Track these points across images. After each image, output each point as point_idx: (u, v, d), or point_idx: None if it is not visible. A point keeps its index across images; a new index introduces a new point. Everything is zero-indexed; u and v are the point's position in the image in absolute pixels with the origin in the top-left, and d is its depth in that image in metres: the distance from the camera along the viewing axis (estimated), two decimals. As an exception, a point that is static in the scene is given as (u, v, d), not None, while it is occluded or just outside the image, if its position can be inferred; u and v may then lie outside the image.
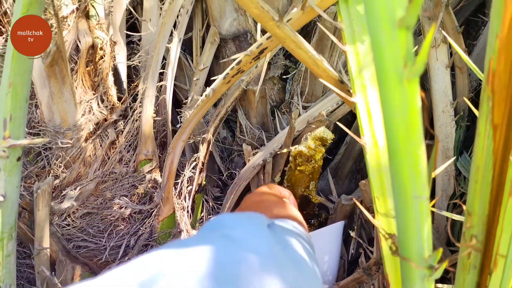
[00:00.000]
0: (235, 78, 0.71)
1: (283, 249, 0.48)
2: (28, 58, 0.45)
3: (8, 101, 0.47)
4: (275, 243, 0.46)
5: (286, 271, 0.43)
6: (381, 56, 0.28)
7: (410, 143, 0.31)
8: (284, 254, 0.46)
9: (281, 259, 0.44)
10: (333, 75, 0.62)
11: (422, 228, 0.35)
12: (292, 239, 0.53)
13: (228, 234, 0.44)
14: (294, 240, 0.54)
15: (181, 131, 0.79)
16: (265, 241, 0.45)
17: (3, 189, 0.52)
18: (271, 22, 0.52)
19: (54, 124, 0.72)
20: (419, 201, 0.33)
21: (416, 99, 0.29)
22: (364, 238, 0.92)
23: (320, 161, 0.88)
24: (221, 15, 0.94)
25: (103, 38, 0.79)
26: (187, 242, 0.41)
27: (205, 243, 0.41)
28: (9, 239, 0.57)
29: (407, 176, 0.32)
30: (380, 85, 0.30)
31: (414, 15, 0.25)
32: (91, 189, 0.79)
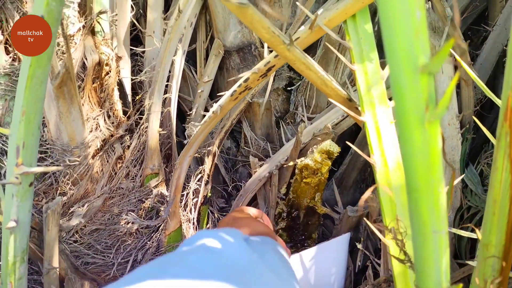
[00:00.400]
0: (242, 95, 0.71)
1: (261, 257, 0.49)
2: (41, 86, 0.45)
3: (21, 129, 0.47)
4: (252, 252, 0.47)
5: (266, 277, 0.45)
6: (402, 98, 0.29)
7: (430, 182, 0.31)
8: (262, 262, 0.48)
9: (260, 266, 0.45)
10: (342, 93, 0.62)
11: (440, 261, 0.35)
12: (268, 249, 0.55)
13: (206, 247, 0.45)
14: (270, 250, 0.55)
15: (188, 146, 0.79)
16: (243, 251, 0.46)
17: (15, 214, 0.53)
18: (282, 46, 0.52)
19: (61, 143, 0.72)
20: (438, 236, 0.33)
21: (437, 140, 0.29)
22: (370, 250, 0.92)
23: (326, 173, 0.89)
24: (225, 27, 0.94)
25: (108, 53, 0.79)
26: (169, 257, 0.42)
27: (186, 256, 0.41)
28: (21, 263, 0.58)
29: (426, 212, 0.33)
30: (400, 125, 0.30)
31: (439, 63, 0.25)
32: (98, 205, 0.79)
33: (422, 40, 0.26)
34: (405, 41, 0.26)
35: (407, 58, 0.27)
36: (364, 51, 0.61)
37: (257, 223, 0.66)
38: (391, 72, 0.29)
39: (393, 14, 0.26)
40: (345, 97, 0.63)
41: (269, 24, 0.49)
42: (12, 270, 0.57)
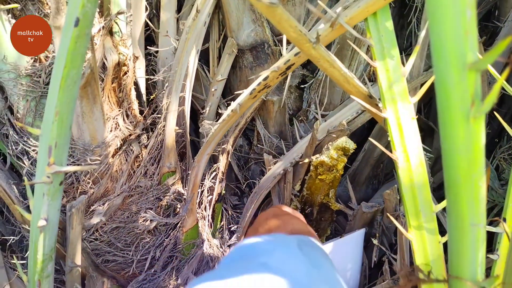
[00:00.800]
0: (261, 93, 0.72)
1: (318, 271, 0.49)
2: (75, 86, 0.46)
3: (54, 129, 0.48)
4: (310, 266, 0.47)
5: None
6: (448, 94, 0.29)
7: (471, 176, 0.32)
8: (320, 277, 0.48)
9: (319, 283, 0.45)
10: (363, 90, 0.63)
11: (477, 253, 0.36)
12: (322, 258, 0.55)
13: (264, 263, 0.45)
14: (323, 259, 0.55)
15: (206, 145, 0.80)
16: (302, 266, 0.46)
17: (45, 213, 0.53)
18: (308, 44, 0.53)
19: (83, 142, 0.73)
20: (477, 229, 0.34)
21: (481, 135, 0.30)
22: (385, 245, 0.93)
23: (341, 170, 0.89)
24: (238, 26, 0.95)
25: (126, 54, 0.80)
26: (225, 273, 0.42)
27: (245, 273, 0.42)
28: (49, 261, 0.58)
29: (465, 206, 0.33)
30: (444, 121, 0.31)
31: (490, 61, 0.26)
32: (118, 204, 0.80)
33: (471, 38, 0.27)
34: (454, 39, 0.27)
35: (456, 56, 0.27)
36: (386, 48, 0.62)
37: (296, 220, 0.67)
38: (436, 69, 0.29)
39: (444, 13, 0.27)
40: (366, 93, 0.63)
41: (296, 23, 0.49)
42: (40, 268, 0.57)
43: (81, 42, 0.44)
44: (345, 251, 0.85)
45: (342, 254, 0.85)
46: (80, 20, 0.42)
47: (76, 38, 0.43)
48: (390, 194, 0.82)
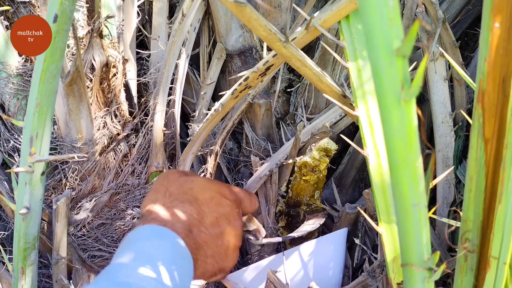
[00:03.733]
0: (242, 93, 0.75)
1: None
2: (54, 80, 0.49)
3: (35, 120, 0.51)
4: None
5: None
6: (380, 80, 0.32)
7: (408, 157, 0.34)
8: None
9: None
10: (336, 89, 0.66)
11: (421, 233, 0.38)
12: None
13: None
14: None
15: (191, 144, 0.83)
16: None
17: (27, 201, 0.56)
18: (278, 43, 0.55)
19: (71, 139, 0.75)
20: (418, 209, 0.36)
21: (413, 118, 0.32)
22: (368, 245, 0.95)
23: (324, 171, 0.92)
24: (227, 31, 0.98)
25: (115, 56, 0.83)
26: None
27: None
28: (32, 249, 0.61)
29: (406, 187, 0.36)
30: (380, 106, 0.33)
31: (409, 46, 0.28)
32: (105, 201, 0.82)
33: (395, 26, 0.29)
34: (380, 27, 0.30)
35: (383, 43, 0.30)
36: (357, 49, 0.65)
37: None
38: (370, 57, 0.32)
39: (370, 4, 0.30)
40: (340, 93, 0.66)
41: (266, 22, 0.52)
42: (23, 256, 0.60)
43: (60, 37, 0.47)
44: (327, 249, 0.87)
45: (324, 253, 0.87)
46: (58, 17, 0.45)
47: (55, 33, 0.46)
48: (370, 194, 0.84)
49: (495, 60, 0.34)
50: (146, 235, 0.55)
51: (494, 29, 0.34)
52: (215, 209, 0.63)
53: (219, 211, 0.64)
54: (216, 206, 0.64)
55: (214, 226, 0.62)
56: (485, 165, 0.37)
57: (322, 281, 0.84)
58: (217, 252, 0.62)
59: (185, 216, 0.59)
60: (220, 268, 0.63)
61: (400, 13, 0.94)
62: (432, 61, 0.83)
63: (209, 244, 0.60)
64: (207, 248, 0.60)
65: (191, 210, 0.60)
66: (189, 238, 0.57)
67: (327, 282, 0.87)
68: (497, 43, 0.34)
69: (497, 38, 0.34)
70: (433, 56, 0.84)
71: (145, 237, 0.54)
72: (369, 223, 0.99)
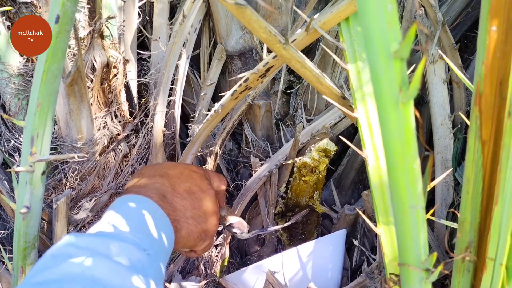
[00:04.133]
0: (242, 94, 0.75)
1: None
2: (55, 80, 0.49)
3: (36, 120, 0.51)
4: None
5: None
6: (379, 82, 0.32)
7: (406, 159, 0.34)
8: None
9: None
10: (336, 91, 0.66)
11: (418, 234, 0.38)
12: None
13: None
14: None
15: (190, 144, 0.83)
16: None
17: (28, 201, 0.56)
18: (278, 45, 0.56)
19: (71, 139, 0.76)
20: (415, 210, 0.37)
21: (411, 119, 0.33)
22: (367, 247, 0.95)
23: (323, 171, 0.92)
24: (227, 33, 0.99)
25: (116, 57, 0.83)
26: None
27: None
28: (32, 248, 0.61)
29: (404, 188, 0.36)
30: (378, 107, 0.34)
31: (407, 48, 0.29)
32: (105, 201, 0.83)
33: (393, 29, 0.30)
34: (379, 30, 0.30)
35: (382, 45, 0.30)
36: (357, 51, 0.65)
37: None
38: (369, 59, 0.32)
39: (369, 7, 0.30)
40: (339, 95, 0.66)
41: (266, 24, 0.53)
42: (23, 255, 0.60)
43: (61, 38, 0.47)
44: (326, 250, 0.87)
45: (323, 254, 0.87)
46: (60, 17, 0.46)
47: (56, 34, 0.47)
48: (368, 195, 0.84)
49: (492, 63, 0.34)
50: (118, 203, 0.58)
51: (491, 32, 0.34)
52: (186, 179, 0.67)
53: (190, 181, 0.67)
54: (187, 177, 0.67)
55: (187, 192, 0.65)
56: (482, 167, 0.37)
57: (321, 282, 0.85)
58: (197, 215, 0.64)
59: (157, 185, 0.63)
60: (204, 229, 0.65)
61: (400, 15, 0.94)
62: (431, 63, 0.84)
63: (186, 207, 0.63)
64: (185, 211, 0.63)
65: (162, 181, 0.64)
66: (163, 202, 0.60)
67: (326, 283, 0.87)
68: (494, 46, 0.34)
69: (494, 41, 0.34)
70: (432, 58, 0.84)
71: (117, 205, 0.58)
72: (368, 225, 0.99)
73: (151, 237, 0.54)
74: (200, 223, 0.65)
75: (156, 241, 0.55)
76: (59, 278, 0.43)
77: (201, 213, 0.66)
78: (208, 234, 0.67)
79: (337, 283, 0.91)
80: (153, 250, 0.52)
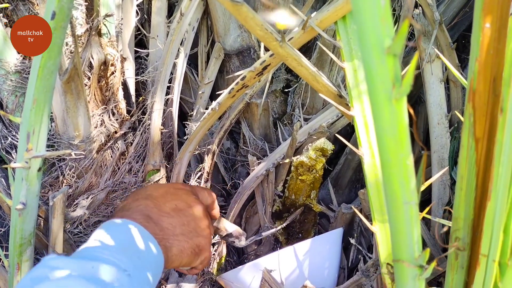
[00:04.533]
0: (239, 92, 0.75)
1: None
2: (52, 76, 0.50)
3: (32, 116, 0.51)
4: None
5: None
6: (372, 78, 0.32)
7: (399, 155, 0.34)
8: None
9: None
10: (332, 89, 0.66)
11: (412, 231, 0.38)
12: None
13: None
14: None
15: (188, 142, 0.83)
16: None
17: (24, 197, 0.56)
18: (274, 42, 0.56)
19: (68, 137, 0.76)
20: (409, 206, 0.37)
21: (404, 116, 0.33)
22: (363, 245, 0.95)
23: (320, 170, 0.92)
24: (225, 31, 0.99)
25: (114, 54, 0.83)
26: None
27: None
28: (28, 245, 0.61)
29: (397, 184, 0.36)
30: (372, 103, 0.34)
31: (400, 44, 0.29)
32: (102, 198, 0.83)
33: (386, 25, 0.30)
34: (372, 26, 0.30)
35: (375, 41, 0.30)
36: (354, 50, 0.65)
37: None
38: (362, 55, 0.32)
39: (362, 3, 0.30)
40: (336, 93, 0.66)
41: (262, 21, 0.53)
42: (19, 252, 0.60)
43: (57, 34, 0.47)
44: (323, 248, 0.88)
45: (320, 252, 0.87)
46: (56, 14, 0.46)
47: (52, 30, 0.47)
48: (365, 194, 0.84)
49: (486, 60, 0.34)
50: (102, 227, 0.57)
51: (484, 29, 0.34)
52: (171, 198, 0.66)
53: (176, 199, 0.66)
54: (172, 196, 0.66)
55: (174, 211, 0.64)
56: (475, 164, 0.37)
57: (317, 280, 0.85)
58: (187, 231, 0.64)
59: (141, 207, 0.62)
60: (196, 244, 0.64)
61: (397, 14, 0.94)
62: (428, 62, 0.84)
63: (175, 224, 0.63)
64: (173, 228, 0.62)
65: (146, 203, 0.63)
66: (148, 223, 0.59)
67: (322, 281, 0.87)
68: (488, 43, 0.34)
69: (488, 38, 0.34)
70: (429, 57, 0.84)
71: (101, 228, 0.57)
72: (364, 224, 0.99)
73: (133, 258, 0.53)
74: (191, 238, 0.64)
75: (139, 262, 0.53)
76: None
77: (191, 228, 0.65)
78: (203, 248, 0.66)
79: (334, 281, 0.91)
80: (134, 271, 0.51)
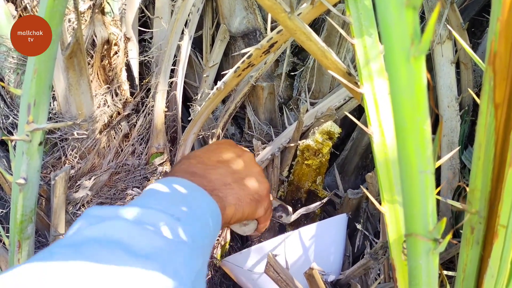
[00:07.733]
0: (245, 71, 0.73)
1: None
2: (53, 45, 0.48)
3: (32, 87, 0.50)
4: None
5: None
6: (389, 35, 0.30)
7: (416, 119, 0.33)
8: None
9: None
10: (342, 67, 0.64)
11: (427, 202, 0.37)
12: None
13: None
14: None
15: (192, 123, 0.82)
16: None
17: (24, 172, 0.55)
18: (283, 14, 0.54)
19: (70, 115, 0.74)
20: (425, 175, 0.35)
21: (422, 76, 0.31)
22: (370, 231, 0.94)
23: (327, 155, 0.90)
24: (231, 13, 0.97)
25: (117, 34, 0.82)
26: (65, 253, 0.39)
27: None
28: (29, 222, 0.60)
29: (413, 151, 0.34)
30: (388, 63, 0.32)
31: (421, -6, 0.27)
32: (104, 180, 0.81)
33: (406, -26, 0.28)
34: (390, -24, 0.28)
35: (393, -7, 0.29)
36: (364, 26, 0.63)
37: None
38: (378, 9, 0.31)
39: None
40: (345, 70, 0.65)
41: (270, -9, 0.51)
42: (20, 229, 0.59)
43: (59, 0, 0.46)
44: (328, 233, 0.86)
45: (325, 237, 0.86)
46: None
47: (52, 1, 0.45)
48: (372, 177, 0.83)
49: (508, 19, 0.32)
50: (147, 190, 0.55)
51: (508, -14, 0.32)
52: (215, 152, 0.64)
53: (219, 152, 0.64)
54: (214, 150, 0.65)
55: (220, 162, 0.62)
56: (494, 132, 0.36)
57: (323, 265, 0.83)
58: (239, 178, 0.61)
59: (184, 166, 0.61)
60: (255, 190, 0.61)
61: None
62: (438, 44, 0.82)
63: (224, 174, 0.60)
64: (223, 178, 0.59)
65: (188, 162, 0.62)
66: (194, 177, 0.56)
67: (328, 266, 0.86)
68: (510, 2, 0.33)
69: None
70: (440, 39, 0.82)
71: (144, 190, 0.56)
72: (371, 209, 0.98)
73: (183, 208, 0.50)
74: (246, 185, 0.60)
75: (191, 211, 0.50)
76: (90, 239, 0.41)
77: (244, 175, 0.61)
78: (262, 194, 0.62)
79: (339, 266, 0.89)
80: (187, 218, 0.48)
